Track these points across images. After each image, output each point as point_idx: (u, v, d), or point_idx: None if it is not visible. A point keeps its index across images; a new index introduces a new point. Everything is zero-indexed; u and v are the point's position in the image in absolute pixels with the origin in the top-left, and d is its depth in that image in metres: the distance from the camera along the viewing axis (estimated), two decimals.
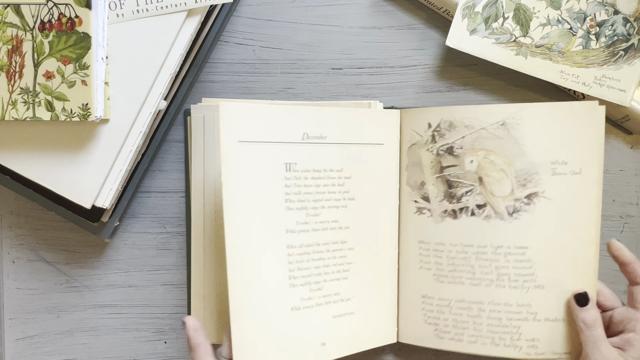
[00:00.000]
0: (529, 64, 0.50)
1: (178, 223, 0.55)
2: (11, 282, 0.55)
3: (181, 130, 0.55)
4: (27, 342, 0.55)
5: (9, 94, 0.45)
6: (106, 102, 0.47)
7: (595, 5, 0.48)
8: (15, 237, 0.55)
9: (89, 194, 0.47)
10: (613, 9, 0.48)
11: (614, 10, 0.48)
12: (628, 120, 0.53)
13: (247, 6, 0.55)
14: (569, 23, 0.49)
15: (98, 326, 0.55)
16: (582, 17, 0.49)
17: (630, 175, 0.55)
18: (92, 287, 0.55)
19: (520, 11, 0.49)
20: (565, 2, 0.49)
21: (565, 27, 0.49)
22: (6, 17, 0.44)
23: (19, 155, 0.47)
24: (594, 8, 0.49)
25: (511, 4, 0.50)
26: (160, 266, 0.55)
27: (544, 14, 0.50)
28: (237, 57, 0.55)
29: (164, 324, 0.55)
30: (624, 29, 0.48)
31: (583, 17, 0.49)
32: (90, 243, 0.55)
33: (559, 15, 0.49)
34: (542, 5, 0.50)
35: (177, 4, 0.47)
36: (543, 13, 0.50)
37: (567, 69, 0.50)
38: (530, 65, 0.50)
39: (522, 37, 0.50)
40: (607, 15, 0.49)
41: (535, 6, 0.50)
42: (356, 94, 0.55)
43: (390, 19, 0.55)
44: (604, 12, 0.49)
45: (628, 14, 0.48)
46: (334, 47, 0.55)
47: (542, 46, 0.49)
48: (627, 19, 0.48)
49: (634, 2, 0.48)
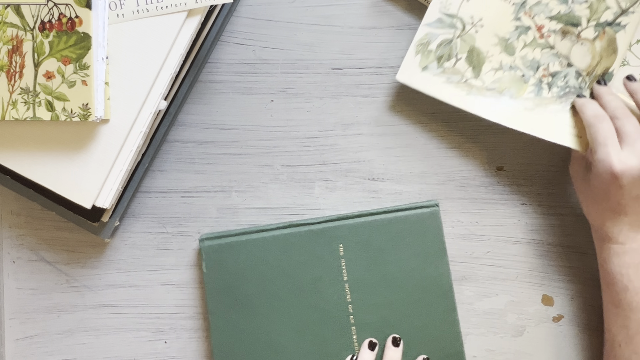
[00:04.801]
0: (479, 105, 0.50)
1: (178, 223, 0.55)
2: (11, 282, 0.55)
3: (181, 130, 0.55)
4: (27, 342, 0.55)
5: (9, 94, 0.45)
6: (106, 102, 0.47)
7: (549, 55, 0.48)
8: (15, 237, 0.55)
9: (89, 194, 0.47)
10: (567, 62, 0.48)
11: (567, 63, 0.48)
12: None
13: (247, 6, 0.55)
14: (521, 70, 0.49)
15: (98, 326, 0.55)
16: (535, 65, 0.49)
17: None
18: (92, 287, 0.55)
19: (474, 53, 0.49)
20: (519, 49, 0.49)
21: (518, 74, 0.49)
22: (6, 17, 0.44)
23: (19, 155, 0.47)
24: (548, 58, 0.49)
25: (465, 45, 0.50)
26: (160, 266, 0.55)
27: (497, 58, 0.50)
28: (237, 57, 0.55)
29: (164, 324, 0.55)
30: (576, 82, 0.49)
31: (536, 66, 0.49)
32: (91, 243, 0.55)
33: (512, 62, 0.49)
34: (496, 50, 0.49)
35: (177, 4, 0.47)
36: (497, 58, 0.50)
37: (519, 113, 0.50)
38: (480, 106, 0.50)
39: (473, 79, 0.50)
40: (560, 66, 0.49)
41: (490, 50, 0.50)
42: (356, 94, 0.55)
43: (390, 19, 0.55)
44: (557, 63, 0.49)
45: (581, 68, 0.48)
46: (334, 47, 0.55)
47: (493, 89, 0.49)
48: (580, 73, 0.48)
49: (587, 57, 0.48)
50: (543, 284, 0.55)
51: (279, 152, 0.55)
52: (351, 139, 0.55)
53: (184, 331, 0.55)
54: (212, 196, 0.55)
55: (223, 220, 0.55)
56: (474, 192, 0.55)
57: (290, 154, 0.55)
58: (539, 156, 0.55)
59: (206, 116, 0.55)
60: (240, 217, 0.55)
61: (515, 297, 0.55)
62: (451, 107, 0.53)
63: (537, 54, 0.49)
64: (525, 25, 0.49)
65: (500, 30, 0.49)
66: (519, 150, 0.55)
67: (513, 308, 0.55)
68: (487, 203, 0.55)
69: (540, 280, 0.55)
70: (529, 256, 0.55)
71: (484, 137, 0.55)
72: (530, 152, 0.55)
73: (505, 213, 0.55)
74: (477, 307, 0.55)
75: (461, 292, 0.55)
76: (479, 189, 0.55)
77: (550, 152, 0.55)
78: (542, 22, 0.49)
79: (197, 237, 0.55)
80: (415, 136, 0.55)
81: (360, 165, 0.55)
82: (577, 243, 0.55)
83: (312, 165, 0.55)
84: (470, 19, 0.49)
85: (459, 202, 0.55)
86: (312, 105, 0.55)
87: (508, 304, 0.55)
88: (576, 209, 0.55)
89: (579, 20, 0.49)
